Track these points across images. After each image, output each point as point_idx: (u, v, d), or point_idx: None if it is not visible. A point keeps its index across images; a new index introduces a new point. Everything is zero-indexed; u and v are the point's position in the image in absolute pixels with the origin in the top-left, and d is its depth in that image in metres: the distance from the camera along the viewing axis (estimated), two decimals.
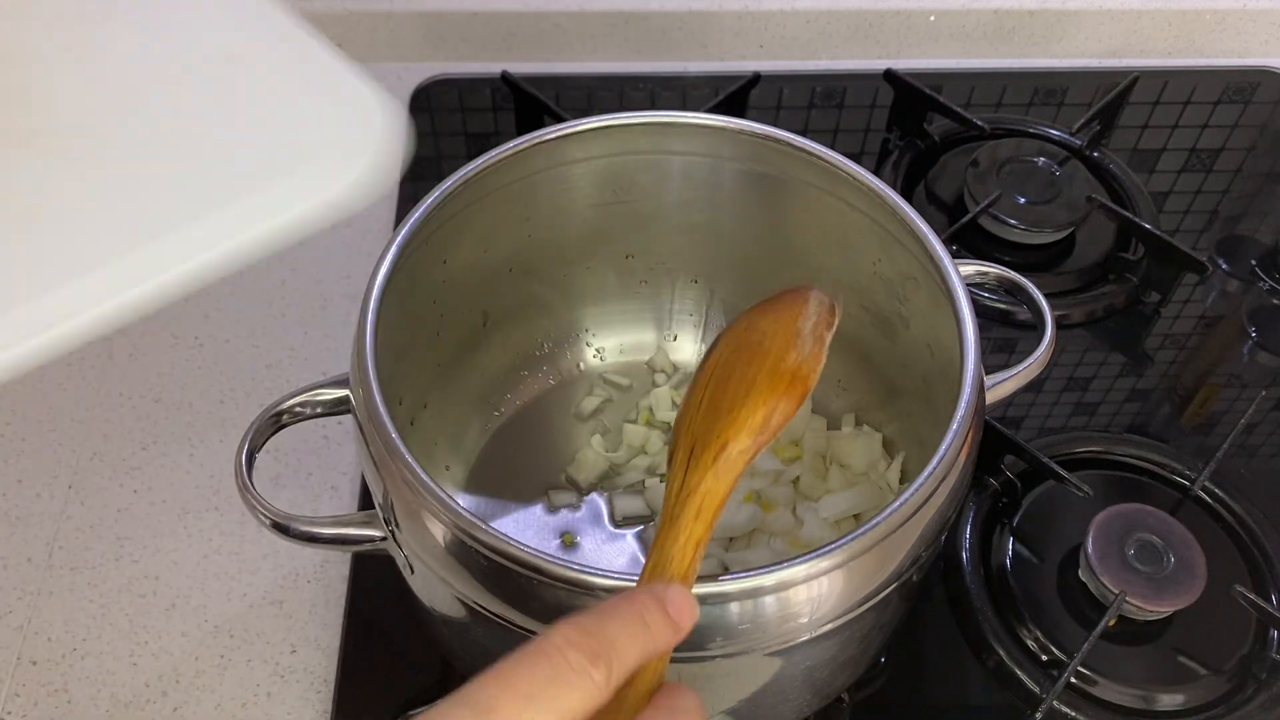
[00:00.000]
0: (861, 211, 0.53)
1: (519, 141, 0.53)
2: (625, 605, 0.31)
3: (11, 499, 0.63)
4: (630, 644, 0.31)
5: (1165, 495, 0.64)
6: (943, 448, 0.43)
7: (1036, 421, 0.69)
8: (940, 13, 0.88)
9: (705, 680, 0.44)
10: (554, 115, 0.78)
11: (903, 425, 0.60)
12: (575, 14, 0.86)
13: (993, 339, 0.73)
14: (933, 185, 0.81)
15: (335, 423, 0.65)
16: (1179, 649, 0.58)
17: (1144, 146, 0.85)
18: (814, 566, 0.40)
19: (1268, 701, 0.56)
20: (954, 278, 0.48)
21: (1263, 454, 0.68)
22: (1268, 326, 0.75)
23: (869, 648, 0.50)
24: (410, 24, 0.86)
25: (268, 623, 0.58)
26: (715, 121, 0.55)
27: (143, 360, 0.69)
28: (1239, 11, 0.90)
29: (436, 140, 0.83)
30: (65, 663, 0.57)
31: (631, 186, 0.58)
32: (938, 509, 0.43)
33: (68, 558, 0.60)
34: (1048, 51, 0.91)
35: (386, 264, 0.48)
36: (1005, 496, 0.63)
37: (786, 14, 0.87)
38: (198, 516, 0.62)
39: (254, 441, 0.47)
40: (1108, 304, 0.75)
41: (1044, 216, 0.76)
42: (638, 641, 0.31)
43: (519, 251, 0.59)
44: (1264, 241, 0.80)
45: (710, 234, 0.61)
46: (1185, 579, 0.57)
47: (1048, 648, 0.57)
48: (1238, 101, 0.89)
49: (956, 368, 0.46)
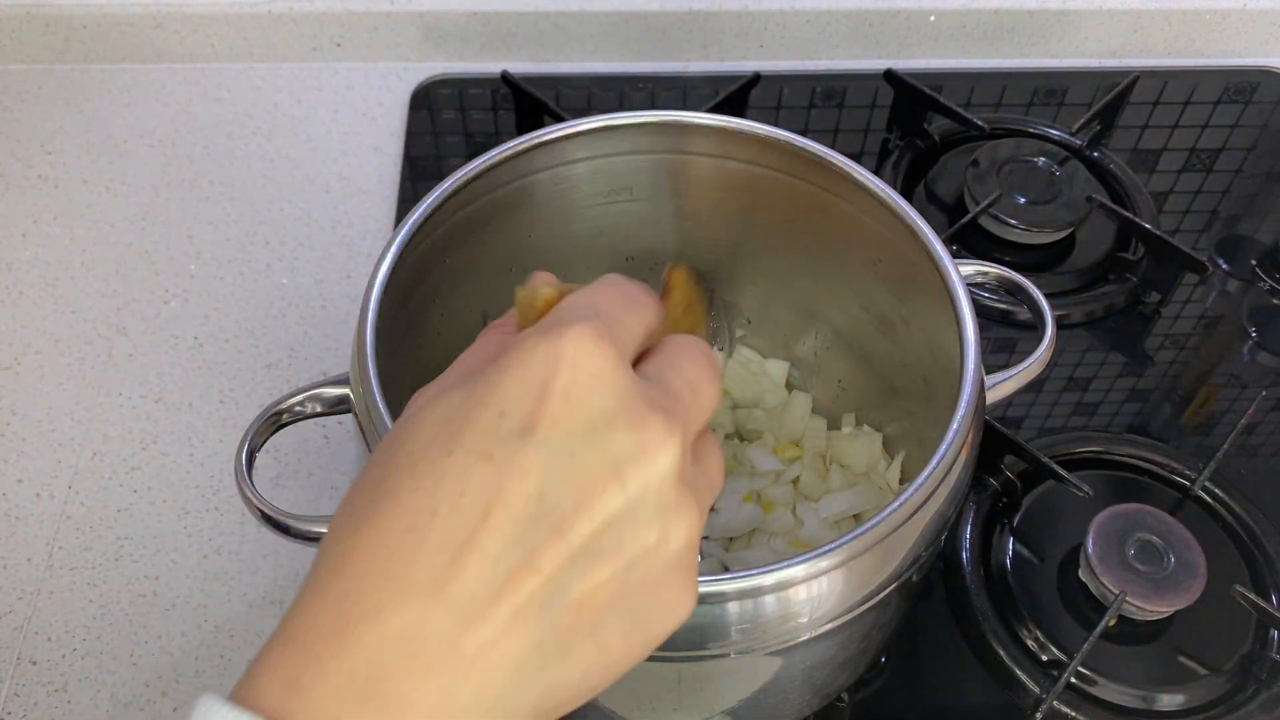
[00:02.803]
0: (861, 211, 0.53)
1: (519, 141, 0.53)
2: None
3: (11, 499, 0.63)
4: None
5: (1165, 495, 0.64)
6: (943, 448, 0.43)
7: (1036, 421, 0.69)
8: (940, 13, 0.88)
9: (705, 680, 0.44)
10: (554, 115, 0.78)
11: (903, 425, 0.60)
12: (575, 14, 0.86)
13: (993, 339, 0.73)
14: (933, 185, 0.81)
15: (335, 422, 0.65)
16: (1179, 649, 0.58)
17: (1144, 146, 0.85)
18: (814, 566, 0.40)
19: (1268, 701, 0.56)
20: (954, 278, 0.48)
21: (1263, 454, 0.68)
22: (1268, 326, 0.75)
23: (869, 648, 0.50)
24: (410, 24, 0.86)
25: (268, 623, 0.58)
26: (715, 121, 0.55)
27: (143, 360, 0.69)
28: (1239, 11, 0.90)
29: (436, 140, 0.83)
30: (65, 663, 0.57)
31: (631, 186, 0.58)
32: (938, 509, 0.43)
33: (68, 558, 0.60)
34: (1048, 51, 0.91)
35: (386, 264, 0.48)
36: (1005, 496, 0.63)
37: (786, 14, 0.87)
38: (197, 516, 0.62)
39: (254, 441, 0.46)
40: (1108, 304, 0.75)
41: (1044, 216, 0.76)
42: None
43: (519, 251, 0.59)
44: (1264, 241, 0.79)
45: (710, 234, 0.61)
46: (1185, 579, 0.57)
47: (1048, 648, 0.58)
48: (1238, 101, 0.89)
49: (956, 368, 0.46)
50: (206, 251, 0.75)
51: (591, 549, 0.27)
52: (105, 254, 0.74)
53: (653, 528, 0.28)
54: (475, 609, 0.26)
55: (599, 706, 0.46)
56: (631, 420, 0.28)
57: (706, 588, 0.39)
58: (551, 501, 0.27)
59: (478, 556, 0.26)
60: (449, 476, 0.27)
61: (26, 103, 0.83)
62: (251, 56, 0.87)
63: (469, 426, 0.27)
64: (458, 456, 0.27)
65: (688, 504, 0.29)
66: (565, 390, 0.27)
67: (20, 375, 0.68)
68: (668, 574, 0.29)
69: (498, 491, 0.26)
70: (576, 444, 0.27)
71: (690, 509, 0.29)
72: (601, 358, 0.28)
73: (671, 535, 0.28)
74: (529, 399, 0.27)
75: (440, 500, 0.26)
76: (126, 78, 0.86)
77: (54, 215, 0.76)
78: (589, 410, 0.27)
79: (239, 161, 0.80)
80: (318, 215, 0.77)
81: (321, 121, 0.84)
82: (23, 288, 0.72)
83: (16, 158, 0.80)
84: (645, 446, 0.28)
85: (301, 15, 0.85)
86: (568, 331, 0.28)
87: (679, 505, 0.28)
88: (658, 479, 0.28)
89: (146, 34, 0.85)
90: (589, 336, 0.28)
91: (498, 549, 0.26)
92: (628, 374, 0.29)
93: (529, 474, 0.27)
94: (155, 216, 0.77)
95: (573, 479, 0.27)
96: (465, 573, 0.26)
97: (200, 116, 0.83)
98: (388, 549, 0.26)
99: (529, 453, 0.27)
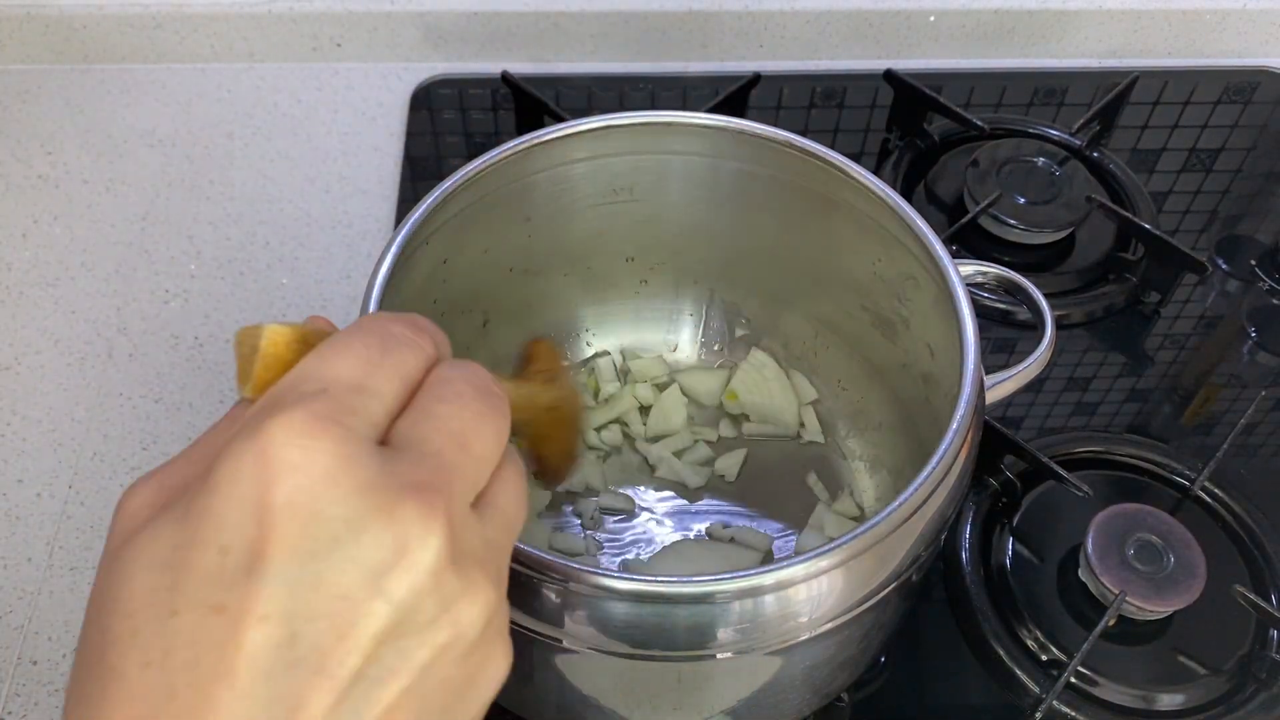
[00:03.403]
0: (861, 211, 0.53)
1: (519, 141, 0.53)
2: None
3: (11, 499, 0.63)
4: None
5: (1165, 495, 0.64)
6: (942, 448, 0.43)
7: (1036, 421, 0.69)
8: (940, 13, 0.88)
9: (705, 680, 0.44)
10: (554, 115, 0.78)
11: (902, 425, 0.60)
12: (575, 14, 0.86)
13: (993, 339, 0.73)
14: (933, 185, 0.81)
15: None
16: (1179, 649, 0.58)
17: (1144, 146, 0.85)
18: (813, 566, 0.40)
19: (1268, 701, 0.56)
20: (954, 278, 0.48)
21: (1263, 454, 0.68)
22: (1268, 326, 0.75)
23: (869, 648, 0.50)
24: (410, 24, 0.86)
25: None
26: (715, 121, 0.55)
27: (143, 360, 0.69)
28: (1239, 11, 0.90)
29: (436, 140, 0.83)
30: (65, 663, 0.57)
31: (631, 186, 0.58)
32: (937, 509, 0.43)
33: (68, 558, 0.60)
34: (1048, 51, 0.91)
35: (386, 264, 0.48)
36: (1005, 496, 0.63)
37: (786, 14, 0.87)
38: None
39: None
40: (1108, 304, 0.75)
41: (1044, 216, 0.76)
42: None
43: (519, 251, 0.59)
44: (1264, 241, 0.79)
45: (710, 234, 0.61)
46: (1185, 579, 0.57)
47: (1048, 648, 0.58)
48: (1238, 101, 0.89)
49: (956, 368, 0.46)
50: (206, 251, 0.75)
51: (370, 675, 0.24)
52: (105, 254, 0.74)
53: (439, 628, 0.25)
54: None
55: (599, 706, 0.46)
56: (379, 518, 0.24)
57: (706, 587, 0.39)
58: (306, 642, 0.23)
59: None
60: (178, 643, 0.23)
61: (26, 103, 0.83)
62: (251, 56, 0.87)
63: (189, 574, 0.23)
64: (184, 616, 0.23)
65: (474, 582, 0.25)
66: (289, 504, 0.23)
67: (20, 375, 0.68)
68: (470, 658, 0.26)
69: (237, 647, 0.22)
70: (319, 566, 0.23)
71: (478, 587, 0.25)
72: (325, 453, 0.24)
73: (464, 623, 0.25)
74: (248, 525, 0.23)
75: (175, 674, 0.23)
76: (126, 78, 0.86)
77: (54, 215, 0.76)
78: (324, 523, 0.23)
79: (239, 161, 0.80)
80: (318, 215, 0.77)
81: (321, 121, 0.84)
82: (23, 288, 0.72)
83: (16, 158, 0.80)
84: (404, 545, 0.24)
85: (301, 15, 0.85)
86: (272, 428, 0.24)
87: (465, 590, 0.25)
88: (428, 575, 0.24)
89: (146, 34, 0.85)
90: (301, 429, 0.24)
91: (255, 713, 0.22)
92: (363, 461, 0.24)
93: (270, 618, 0.23)
94: (155, 216, 0.77)
95: (324, 609, 0.23)
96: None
97: (200, 116, 0.83)
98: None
99: (263, 591, 0.23)
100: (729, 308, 0.65)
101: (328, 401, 0.25)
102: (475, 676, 0.26)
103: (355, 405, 0.25)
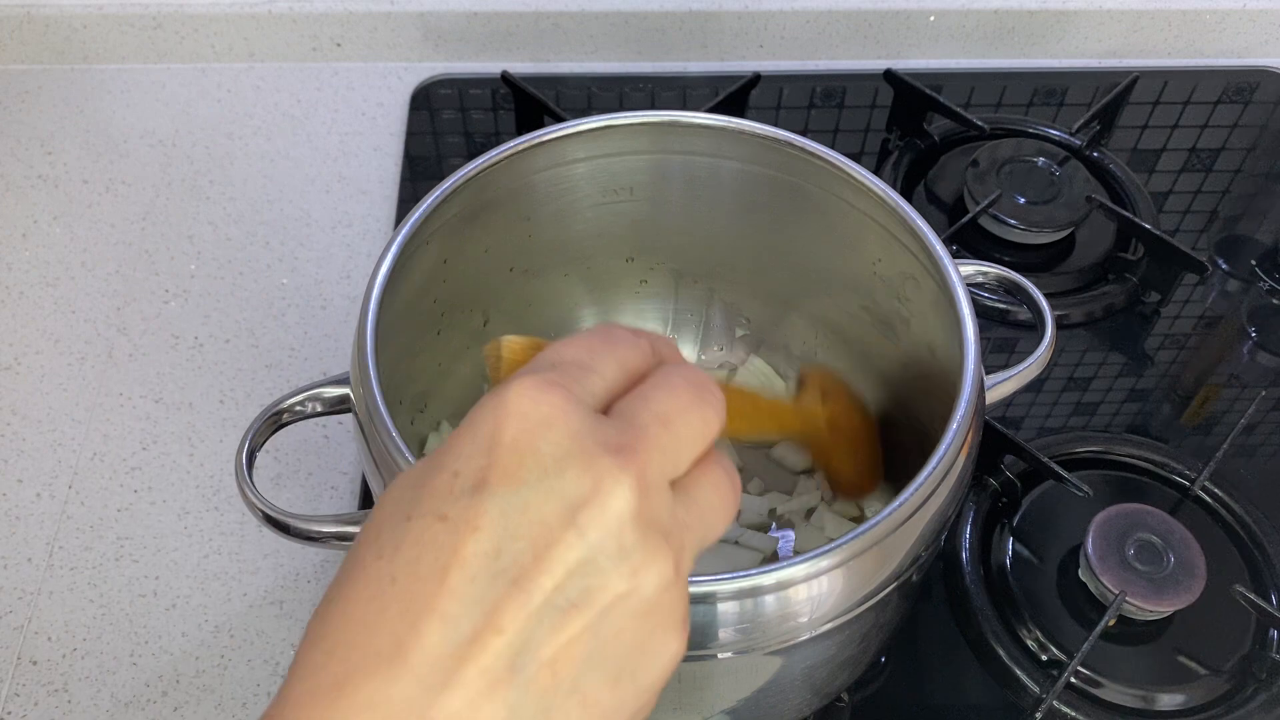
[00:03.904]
0: (861, 211, 0.53)
1: (519, 141, 0.53)
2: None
3: (11, 499, 0.63)
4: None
5: (1165, 495, 0.64)
6: (942, 448, 0.43)
7: (1036, 421, 0.69)
8: (940, 13, 0.88)
9: (705, 680, 0.44)
10: (554, 115, 0.78)
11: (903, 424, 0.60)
12: (575, 14, 0.86)
13: (993, 339, 0.73)
14: (933, 185, 0.81)
15: (335, 422, 0.65)
16: (1179, 649, 0.58)
17: (1144, 146, 0.85)
18: (814, 566, 0.40)
19: (1268, 701, 0.56)
20: (954, 278, 0.48)
21: (1263, 454, 0.68)
22: (1268, 326, 0.75)
23: (869, 648, 0.50)
24: (410, 24, 0.86)
25: (268, 623, 0.58)
26: (715, 121, 0.55)
27: (143, 360, 0.69)
28: (1239, 11, 0.90)
29: (436, 140, 0.83)
30: (65, 663, 0.57)
31: (631, 186, 0.58)
32: (938, 509, 0.43)
33: (68, 558, 0.60)
34: (1048, 51, 0.91)
35: (386, 264, 0.48)
36: (1005, 496, 0.63)
37: (786, 14, 0.87)
38: (198, 516, 0.62)
39: (254, 441, 0.47)
40: (1108, 304, 0.75)
41: (1044, 216, 0.76)
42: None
43: (519, 251, 0.59)
44: (1264, 241, 0.80)
45: (710, 234, 0.61)
46: (1185, 579, 0.57)
47: (1048, 648, 0.58)
48: (1238, 101, 0.89)
49: (956, 368, 0.46)
50: (206, 251, 0.75)
51: (556, 602, 0.26)
52: (105, 254, 0.74)
53: (619, 575, 0.27)
54: (440, 675, 0.25)
55: None
56: (582, 460, 0.27)
57: (706, 587, 0.39)
58: (509, 556, 0.26)
59: (437, 620, 0.25)
60: (406, 541, 0.27)
61: (26, 103, 0.83)
62: (251, 56, 0.87)
63: (426, 491, 0.27)
64: (415, 521, 0.27)
65: (654, 546, 0.28)
66: (513, 441, 0.27)
67: (20, 375, 0.68)
68: (645, 621, 0.28)
69: (453, 551, 0.26)
70: (529, 494, 0.27)
71: (657, 551, 0.28)
72: (549, 405, 0.28)
73: (642, 581, 0.27)
74: (479, 455, 0.27)
75: (399, 566, 0.26)
76: (126, 78, 0.86)
77: (54, 215, 0.76)
78: (538, 458, 0.27)
79: (239, 161, 0.80)
80: (318, 215, 0.77)
81: (321, 121, 0.84)
82: (23, 288, 0.72)
83: (16, 158, 0.80)
84: (598, 487, 0.27)
85: (301, 15, 0.85)
86: (514, 384, 0.28)
87: (644, 548, 0.27)
88: (615, 522, 0.27)
89: (146, 34, 0.85)
90: (533, 386, 0.28)
91: (457, 611, 0.25)
92: (580, 417, 0.28)
93: (482, 530, 0.26)
94: (155, 216, 0.77)
95: (527, 531, 0.26)
96: (426, 637, 0.25)
97: (200, 116, 0.83)
98: (353, 619, 0.26)
99: (481, 508, 0.26)
100: (729, 308, 0.65)
101: (557, 372, 0.29)
102: (647, 643, 0.28)
103: (579, 376, 0.29)
